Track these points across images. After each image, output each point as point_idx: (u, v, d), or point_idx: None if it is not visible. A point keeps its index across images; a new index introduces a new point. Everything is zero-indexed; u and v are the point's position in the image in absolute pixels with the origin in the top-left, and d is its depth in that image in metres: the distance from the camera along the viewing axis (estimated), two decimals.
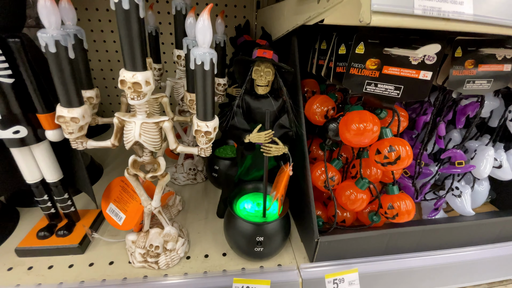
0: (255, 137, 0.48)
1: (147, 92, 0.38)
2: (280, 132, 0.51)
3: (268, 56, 0.47)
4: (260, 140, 0.48)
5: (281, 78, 0.49)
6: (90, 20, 0.94)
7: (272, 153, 0.49)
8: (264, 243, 0.50)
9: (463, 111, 0.58)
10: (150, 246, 0.51)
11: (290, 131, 0.51)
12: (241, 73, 0.50)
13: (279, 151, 0.49)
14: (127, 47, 0.35)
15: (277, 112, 0.50)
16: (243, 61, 0.48)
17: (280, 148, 0.49)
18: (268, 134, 0.48)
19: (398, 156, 0.43)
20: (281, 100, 0.50)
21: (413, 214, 0.51)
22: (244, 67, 0.49)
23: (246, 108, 0.51)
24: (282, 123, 0.51)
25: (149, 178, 0.45)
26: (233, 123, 0.51)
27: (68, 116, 0.39)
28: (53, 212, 0.57)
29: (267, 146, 0.49)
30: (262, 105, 0.50)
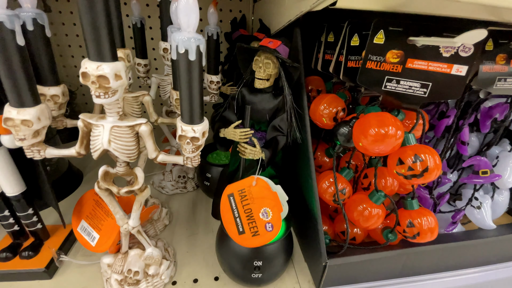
0: (230, 133, 0.43)
1: (117, 88, 0.30)
2: (271, 135, 0.45)
3: (273, 46, 0.40)
4: (234, 138, 0.43)
5: (286, 74, 0.42)
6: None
7: (246, 155, 0.43)
8: (262, 268, 0.43)
9: (488, 114, 0.51)
10: (129, 272, 0.44)
11: (282, 136, 0.45)
12: (245, 63, 0.45)
13: (254, 154, 0.43)
14: (89, 30, 0.27)
15: (275, 112, 0.44)
16: (245, 49, 0.43)
17: (255, 151, 0.43)
18: (245, 132, 0.43)
19: (425, 167, 0.35)
20: (281, 98, 0.44)
21: (436, 233, 0.43)
22: (249, 57, 0.44)
23: (242, 102, 0.45)
24: (276, 125, 0.45)
25: (124, 193, 0.37)
26: (224, 114, 0.46)
27: (17, 118, 0.31)
28: (17, 230, 0.49)
29: (242, 146, 0.43)
30: (257, 101, 0.44)
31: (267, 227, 0.39)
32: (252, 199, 0.41)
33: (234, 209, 0.41)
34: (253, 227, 0.40)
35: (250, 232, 0.40)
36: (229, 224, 0.41)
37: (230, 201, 0.41)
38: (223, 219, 0.42)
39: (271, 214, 0.40)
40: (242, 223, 0.40)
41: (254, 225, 0.40)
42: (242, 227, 0.40)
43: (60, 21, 0.86)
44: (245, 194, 0.41)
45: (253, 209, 0.40)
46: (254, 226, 0.40)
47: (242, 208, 0.41)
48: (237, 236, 0.40)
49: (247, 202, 0.41)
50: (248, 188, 0.41)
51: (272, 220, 0.39)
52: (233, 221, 0.41)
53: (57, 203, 0.47)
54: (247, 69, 0.44)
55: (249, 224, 0.40)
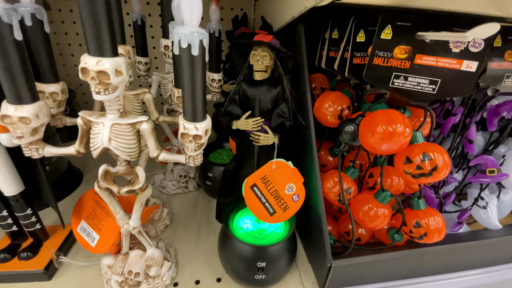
0: (242, 123, 0.46)
1: (117, 84, 0.29)
2: (277, 121, 0.47)
3: (266, 40, 0.42)
4: (248, 127, 0.46)
5: (281, 64, 0.44)
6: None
7: (261, 142, 0.45)
8: (266, 269, 0.42)
9: (495, 112, 0.50)
10: (129, 273, 0.43)
11: (287, 121, 0.47)
12: (240, 59, 0.46)
13: (268, 140, 0.45)
14: (89, 24, 0.26)
15: (276, 100, 0.46)
16: (240, 45, 0.45)
17: (269, 137, 0.45)
18: (256, 121, 0.45)
19: (434, 166, 0.34)
20: (280, 87, 0.45)
21: (444, 233, 0.42)
22: (244, 53, 0.45)
23: (243, 96, 0.47)
24: (280, 112, 0.47)
25: (125, 193, 0.37)
26: (228, 109, 0.48)
27: (15, 115, 0.30)
28: (15, 230, 0.48)
29: (256, 134, 0.46)
30: (257, 92, 0.46)
31: (294, 198, 0.43)
32: (275, 181, 0.43)
33: (260, 196, 0.43)
34: (282, 204, 0.42)
35: (280, 209, 0.42)
36: (258, 212, 0.43)
37: (254, 191, 0.43)
38: (251, 209, 0.43)
39: (295, 187, 0.43)
40: (271, 204, 0.43)
41: (282, 201, 0.43)
42: (272, 208, 0.43)
43: (59, 19, 0.85)
44: (268, 179, 0.44)
45: (279, 189, 0.43)
46: (283, 203, 0.43)
47: (268, 192, 0.43)
48: (269, 217, 0.43)
49: (272, 186, 0.43)
50: (269, 173, 0.44)
51: (296, 191, 0.43)
52: (262, 207, 0.43)
53: (56, 203, 0.46)
54: (243, 64, 0.46)
55: (277, 202, 0.43)
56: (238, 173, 0.54)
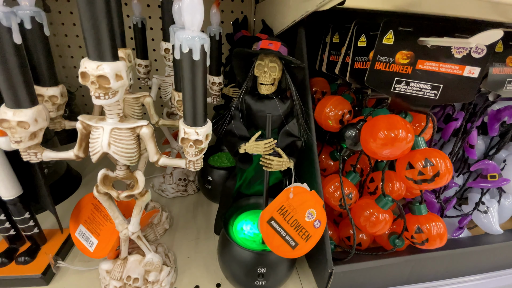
0: (252, 147, 0.40)
1: (117, 88, 0.29)
2: (286, 142, 0.42)
3: (274, 48, 0.38)
4: (258, 151, 0.40)
5: (290, 76, 0.40)
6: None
7: (274, 167, 0.40)
8: (266, 275, 0.41)
9: (496, 117, 0.50)
10: (128, 278, 0.42)
11: (299, 140, 0.42)
12: (241, 69, 0.41)
13: (282, 165, 0.40)
14: (89, 28, 0.26)
15: (284, 116, 0.41)
16: (243, 54, 0.40)
17: (283, 161, 0.40)
18: (269, 143, 0.39)
19: (436, 172, 0.34)
20: (289, 102, 0.42)
21: (445, 239, 0.42)
22: (245, 62, 0.41)
23: (247, 111, 0.42)
24: (289, 130, 0.42)
25: (124, 198, 0.36)
26: (230, 128, 0.42)
27: (13, 119, 0.30)
28: (13, 234, 0.47)
29: (268, 159, 0.40)
30: (265, 108, 0.41)
31: (315, 225, 0.39)
32: (294, 209, 0.39)
33: (279, 230, 0.39)
34: (303, 233, 0.39)
35: (303, 239, 0.39)
36: (279, 247, 0.39)
37: (272, 225, 0.39)
38: (271, 247, 0.39)
39: (315, 212, 0.39)
40: (292, 237, 0.39)
41: (304, 231, 0.39)
42: (294, 241, 0.39)
43: (59, 21, 0.85)
44: (286, 209, 0.39)
45: (298, 218, 0.39)
46: (304, 232, 0.39)
47: (287, 224, 0.39)
48: (292, 252, 0.39)
49: (291, 216, 0.39)
50: (287, 202, 0.39)
51: (317, 216, 0.39)
52: (283, 242, 0.39)
53: (54, 207, 0.46)
54: (244, 74, 0.41)
55: (299, 233, 0.39)
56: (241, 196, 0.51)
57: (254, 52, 0.39)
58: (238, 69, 0.42)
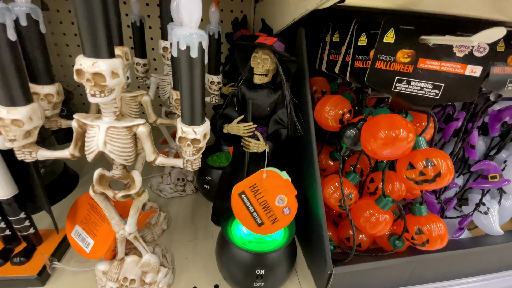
0: (233, 128, 0.45)
1: (113, 86, 0.28)
2: (273, 128, 0.46)
3: (268, 43, 0.41)
4: (238, 133, 0.44)
5: (283, 69, 0.42)
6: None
7: (251, 148, 0.44)
8: (265, 277, 0.41)
9: (497, 117, 0.49)
10: (125, 280, 0.42)
11: (284, 128, 0.45)
12: (243, 61, 0.45)
13: (258, 147, 0.44)
14: (85, 24, 0.25)
15: (275, 105, 0.45)
16: (242, 47, 0.43)
17: (260, 144, 0.44)
18: (248, 126, 0.44)
19: (437, 172, 0.34)
20: (280, 92, 0.44)
21: (446, 240, 0.42)
22: (247, 55, 0.44)
23: (242, 99, 0.46)
24: (277, 119, 0.45)
25: (120, 198, 0.36)
26: (225, 111, 0.47)
27: (7, 118, 0.29)
28: (8, 235, 0.47)
29: (246, 140, 0.44)
30: (257, 96, 0.44)
31: (285, 211, 0.41)
32: (265, 191, 0.42)
33: (248, 205, 0.42)
34: (271, 216, 0.41)
35: (269, 221, 0.41)
36: (246, 221, 0.42)
37: (242, 199, 0.42)
38: (239, 218, 0.42)
39: (286, 199, 0.41)
40: (259, 215, 0.41)
41: (272, 213, 0.41)
42: (261, 219, 0.41)
43: (57, 20, 0.84)
44: (257, 188, 0.42)
45: (268, 200, 0.41)
46: (272, 215, 0.41)
47: (257, 202, 0.41)
48: (257, 228, 0.41)
49: (261, 195, 0.42)
50: (260, 182, 0.42)
51: (288, 204, 0.41)
52: (250, 217, 0.41)
53: (50, 207, 0.45)
54: (245, 67, 0.45)
55: (266, 214, 0.41)
56: (234, 178, 0.53)
57: (251, 45, 0.42)
58: (240, 61, 0.46)
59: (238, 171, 0.52)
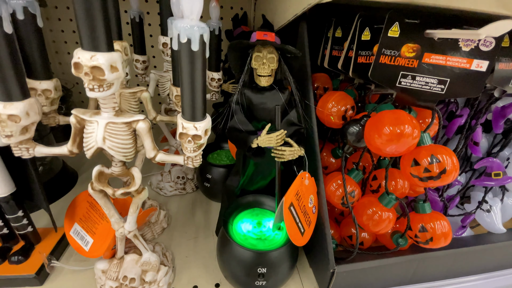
0: (265, 140, 0.40)
1: (112, 81, 0.27)
2: (290, 131, 0.42)
3: (269, 39, 0.38)
4: (271, 144, 0.40)
5: (286, 66, 0.40)
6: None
7: (286, 157, 0.40)
8: (267, 275, 0.40)
9: (501, 114, 0.49)
10: (124, 278, 0.41)
11: (302, 128, 0.42)
12: (237, 62, 0.41)
13: (293, 154, 0.40)
14: (83, 16, 0.25)
15: (286, 106, 0.42)
16: (240, 46, 0.39)
17: (295, 150, 0.40)
18: (281, 135, 0.40)
19: (443, 169, 0.33)
20: (287, 92, 0.42)
21: (450, 238, 0.41)
22: (241, 55, 0.40)
23: (247, 105, 0.42)
24: (292, 120, 0.42)
25: (120, 195, 0.35)
26: (233, 123, 0.42)
27: (4, 113, 0.28)
28: (6, 233, 0.46)
29: (280, 150, 0.40)
30: (267, 100, 0.41)
31: (313, 210, 0.40)
32: (304, 195, 0.40)
33: (295, 216, 0.38)
34: (307, 219, 0.40)
35: (307, 224, 0.39)
36: (294, 235, 0.38)
37: (291, 212, 0.38)
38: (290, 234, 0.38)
39: (313, 199, 0.40)
40: (301, 223, 0.39)
41: (307, 216, 0.40)
42: (303, 227, 0.39)
43: (56, 16, 0.84)
44: (299, 195, 0.39)
45: (306, 204, 0.40)
46: (308, 217, 0.40)
47: (299, 210, 0.39)
48: (301, 238, 0.39)
49: (302, 201, 0.39)
50: (301, 187, 0.40)
51: (314, 202, 0.40)
52: (297, 229, 0.38)
53: (48, 205, 0.44)
54: (240, 67, 0.41)
55: (305, 219, 0.39)
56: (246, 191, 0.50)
57: (252, 44, 0.38)
58: (233, 62, 0.42)
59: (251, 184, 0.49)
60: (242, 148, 0.42)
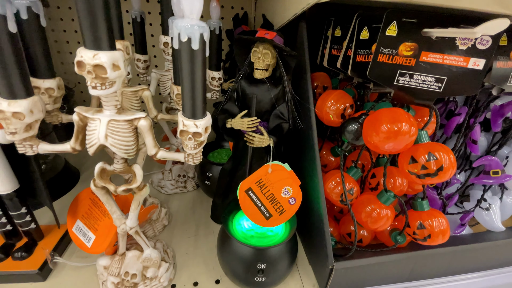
0: (237, 122, 0.44)
1: (114, 79, 0.28)
2: (275, 123, 0.45)
3: (269, 37, 0.40)
4: (242, 127, 0.44)
5: (283, 64, 0.43)
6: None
7: (255, 143, 0.44)
8: (266, 271, 0.41)
9: (500, 112, 0.49)
10: (126, 274, 0.42)
11: (286, 123, 0.45)
12: (242, 56, 0.45)
13: (262, 142, 0.44)
14: (85, 15, 0.25)
15: (275, 100, 0.44)
16: (242, 41, 0.43)
17: (264, 139, 0.44)
18: (252, 121, 0.44)
19: (440, 166, 0.33)
20: (280, 87, 0.44)
21: (448, 235, 0.42)
22: (246, 49, 0.44)
23: (242, 94, 0.45)
24: (278, 113, 0.45)
25: (122, 192, 0.35)
26: (225, 107, 0.46)
27: (8, 110, 0.29)
28: (9, 230, 0.47)
29: (250, 135, 0.44)
30: (257, 91, 0.44)
31: (291, 201, 0.42)
32: (271, 184, 0.42)
33: (256, 200, 0.42)
34: (278, 207, 0.42)
35: (277, 212, 0.42)
36: (254, 216, 0.42)
37: (249, 195, 0.42)
38: (247, 213, 0.42)
39: (291, 190, 0.42)
40: (267, 208, 0.42)
41: (278, 205, 0.42)
42: (268, 212, 0.42)
43: (58, 16, 0.84)
44: (263, 183, 0.43)
45: (275, 192, 0.42)
46: (279, 206, 0.42)
47: (263, 196, 0.42)
48: (265, 221, 0.42)
49: (268, 189, 0.42)
50: (265, 177, 0.43)
51: (293, 194, 0.42)
52: (258, 211, 0.42)
53: (51, 201, 0.45)
54: (244, 61, 0.45)
55: (273, 206, 0.42)
56: (234, 174, 0.53)
57: (251, 39, 0.42)
58: (239, 56, 0.45)
59: (238, 167, 0.52)
60: (220, 125, 0.46)
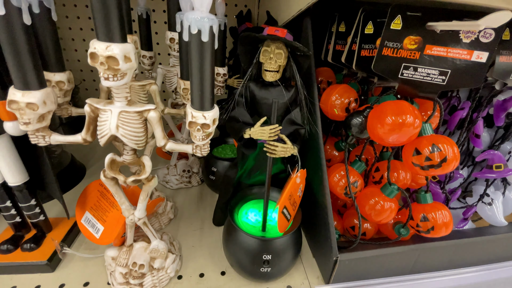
0: (257, 132, 0.39)
1: (126, 70, 0.29)
2: (289, 129, 0.42)
3: (280, 35, 0.38)
4: (263, 137, 0.39)
5: (295, 64, 0.40)
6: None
7: (278, 153, 0.40)
8: (272, 262, 0.41)
9: (503, 107, 0.49)
10: (134, 265, 0.42)
11: (302, 129, 0.42)
12: (247, 55, 0.41)
13: (286, 151, 0.40)
14: (99, 8, 0.26)
15: (288, 104, 0.42)
16: (250, 38, 0.39)
17: (287, 148, 0.40)
18: (274, 129, 0.39)
19: (443, 158, 0.34)
20: (293, 90, 0.42)
21: (451, 227, 0.42)
22: (251, 48, 0.41)
23: (251, 98, 0.42)
24: (293, 119, 0.42)
25: (131, 182, 0.36)
26: (233, 114, 0.42)
27: (22, 101, 0.30)
28: (18, 221, 0.48)
29: (272, 145, 0.40)
30: (270, 95, 0.41)
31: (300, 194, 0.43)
32: (295, 192, 0.41)
33: (287, 214, 0.40)
34: (294, 207, 0.42)
35: (293, 210, 0.42)
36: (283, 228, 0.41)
37: (284, 214, 0.40)
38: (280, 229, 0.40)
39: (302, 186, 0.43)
40: (290, 214, 0.41)
41: (296, 205, 0.42)
42: (289, 215, 0.41)
43: (63, 14, 0.85)
44: (291, 194, 0.40)
45: (296, 197, 0.42)
46: (295, 205, 0.42)
47: (291, 207, 0.41)
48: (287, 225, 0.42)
49: (293, 198, 0.41)
50: (293, 187, 0.40)
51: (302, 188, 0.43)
52: (287, 224, 0.41)
53: (61, 193, 0.46)
54: (249, 61, 0.41)
55: (294, 209, 0.42)
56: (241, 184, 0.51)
57: (261, 37, 0.39)
58: (243, 55, 0.42)
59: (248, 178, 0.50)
60: (235, 137, 0.42)
